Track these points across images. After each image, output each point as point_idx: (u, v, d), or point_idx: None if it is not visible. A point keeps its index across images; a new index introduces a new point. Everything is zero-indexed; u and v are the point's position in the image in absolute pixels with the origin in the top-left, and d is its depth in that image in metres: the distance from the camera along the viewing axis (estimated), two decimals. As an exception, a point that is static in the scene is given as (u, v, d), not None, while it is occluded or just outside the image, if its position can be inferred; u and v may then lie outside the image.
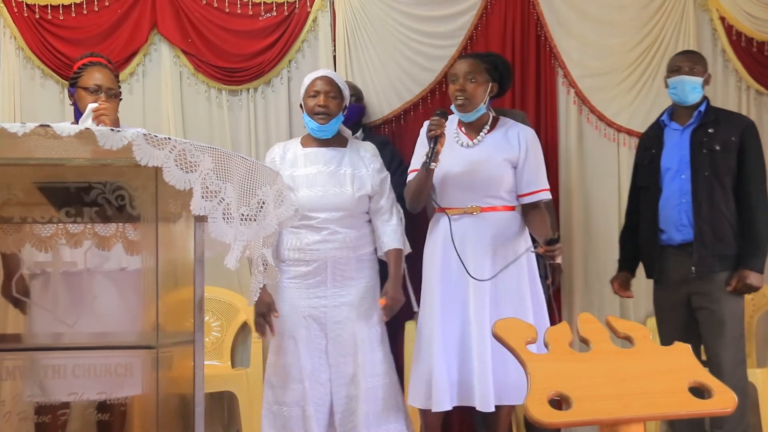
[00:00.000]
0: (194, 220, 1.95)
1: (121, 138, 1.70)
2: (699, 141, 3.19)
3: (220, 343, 3.89)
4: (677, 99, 3.26)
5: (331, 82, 3.10)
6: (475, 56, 3.14)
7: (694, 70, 3.21)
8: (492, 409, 2.88)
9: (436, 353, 2.94)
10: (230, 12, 3.92)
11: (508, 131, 3.06)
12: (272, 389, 3.08)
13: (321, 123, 3.06)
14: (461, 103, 2.99)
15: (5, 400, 1.97)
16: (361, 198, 3.08)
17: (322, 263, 3.04)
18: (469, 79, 2.98)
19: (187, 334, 1.98)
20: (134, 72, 3.94)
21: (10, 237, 1.98)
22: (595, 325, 1.67)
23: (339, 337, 3.04)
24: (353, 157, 3.13)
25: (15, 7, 3.87)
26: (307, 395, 3.00)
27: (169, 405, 1.99)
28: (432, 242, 3.09)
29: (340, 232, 3.04)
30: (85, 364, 1.97)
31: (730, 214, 3.16)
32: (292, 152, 3.14)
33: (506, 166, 3.01)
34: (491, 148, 3.03)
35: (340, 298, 3.06)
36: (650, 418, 1.55)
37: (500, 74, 3.08)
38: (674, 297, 3.25)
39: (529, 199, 3.03)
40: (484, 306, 2.91)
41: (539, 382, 1.51)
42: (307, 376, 3.01)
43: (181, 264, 2.03)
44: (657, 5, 3.89)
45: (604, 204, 3.90)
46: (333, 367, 3.04)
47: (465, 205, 3.00)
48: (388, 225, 3.13)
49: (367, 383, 3.03)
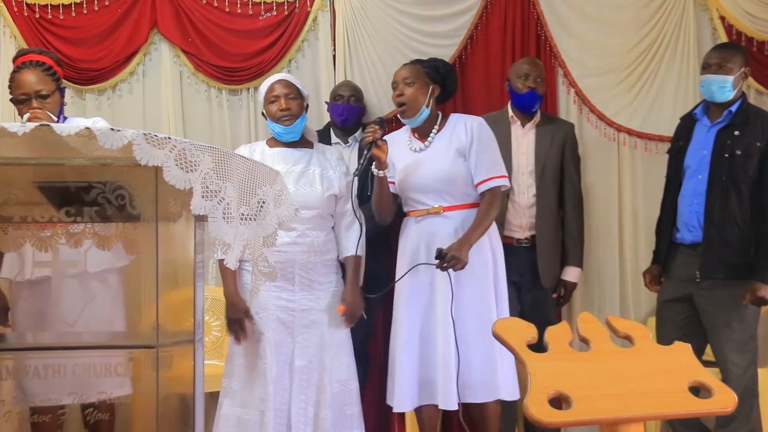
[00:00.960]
0: (194, 219, 1.95)
1: (121, 137, 1.70)
2: (722, 143, 3.10)
3: (220, 342, 3.89)
4: (707, 97, 3.19)
5: (288, 85, 3.09)
6: (415, 62, 3.19)
7: (723, 68, 3.11)
8: (454, 407, 2.91)
9: (399, 353, 2.99)
10: (230, 11, 3.92)
11: (455, 125, 3.08)
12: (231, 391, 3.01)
13: (287, 124, 3.05)
14: (402, 108, 3.05)
15: (5, 399, 1.98)
16: (330, 198, 3.08)
17: (290, 265, 3.00)
18: (407, 84, 3.03)
19: (187, 334, 1.98)
20: (134, 71, 3.95)
21: (10, 237, 1.98)
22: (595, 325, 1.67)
23: (306, 341, 3.02)
24: (320, 158, 3.14)
25: (15, 7, 3.87)
26: (269, 400, 2.94)
27: (169, 405, 1.99)
28: (402, 245, 3.13)
29: (309, 236, 3.02)
30: (84, 364, 1.97)
31: (743, 222, 3.07)
32: (259, 152, 3.11)
33: (457, 159, 3.02)
34: (442, 146, 3.06)
35: (308, 302, 3.03)
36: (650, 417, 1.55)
37: (442, 76, 3.11)
38: (679, 293, 3.23)
39: (483, 186, 3.01)
40: (448, 306, 2.92)
41: (539, 381, 1.51)
42: (271, 379, 2.96)
43: (181, 263, 2.03)
44: (657, 5, 3.89)
45: (604, 203, 3.90)
46: (297, 372, 3.00)
47: (429, 206, 3.04)
48: (351, 230, 3.13)
49: (333, 388, 3.01)
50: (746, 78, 3.23)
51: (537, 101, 3.51)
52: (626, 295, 3.87)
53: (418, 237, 3.05)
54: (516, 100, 3.54)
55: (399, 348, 3.01)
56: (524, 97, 3.48)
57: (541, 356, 1.59)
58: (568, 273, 3.53)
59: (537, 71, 3.51)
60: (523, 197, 3.47)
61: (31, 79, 2.73)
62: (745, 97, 3.23)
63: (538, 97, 3.51)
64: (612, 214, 3.91)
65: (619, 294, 3.87)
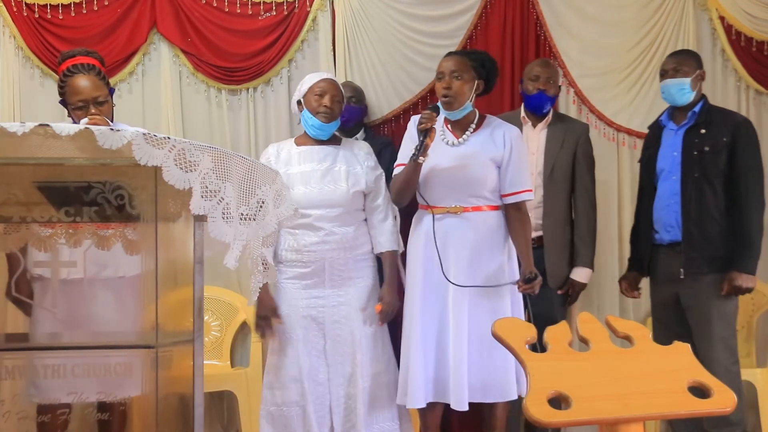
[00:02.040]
0: (194, 219, 1.95)
1: (120, 137, 1.70)
2: (690, 142, 3.20)
3: (220, 342, 3.89)
4: (669, 102, 3.30)
5: (337, 87, 3.15)
6: (462, 54, 3.15)
7: (679, 72, 3.23)
8: (465, 407, 2.90)
9: (414, 351, 2.97)
10: (230, 11, 3.92)
11: (494, 130, 3.06)
12: (271, 390, 3.09)
13: (324, 121, 3.07)
14: (447, 100, 2.99)
15: (5, 399, 1.98)
16: (356, 194, 3.09)
17: (320, 264, 3.05)
18: (455, 77, 2.99)
19: (187, 334, 1.98)
20: (134, 71, 3.94)
21: (10, 237, 1.98)
22: (595, 325, 1.67)
23: (338, 336, 3.06)
24: (347, 155, 3.14)
25: (14, 7, 3.87)
26: (306, 395, 3.02)
27: (168, 404, 1.99)
28: (415, 239, 3.10)
29: (337, 233, 3.05)
30: (84, 364, 1.97)
31: (720, 216, 3.15)
32: (286, 151, 3.15)
33: (491, 166, 3.01)
34: (477, 147, 3.03)
35: (338, 298, 3.07)
36: (650, 417, 1.55)
37: (487, 71, 3.09)
38: (665, 295, 3.30)
39: (512, 199, 3.03)
40: (463, 305, 2.93)
41: (539, 381, 1.51)
42: (305, 376, 3.02)
43: (181, 263, 2.03)
44: (656, 5, 3.89)
45: (603, 203, 3.90)
46: (331, 366, 3.05)
47: (449, 205, 3.02)
48: (384, 225, 3.15)
49: (365, 382, 3.05)
50: (703, 79, 3.32)
51: (547, 103, 3.51)
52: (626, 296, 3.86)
53: (433, 234, 2.98)
54: (526, 102, 3.55)
55: (413, 346, 2.98)
56: (533, 99, 3.49)
57: (541, 356, 1.59)
58: (577, 273, 3.51)
59: (548, 73, 3.51)
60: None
61: (86, 85, 2.66)
62: (705, 98, 3.31)
63: (548, 99, 3.50)
64: (612, 213, 3.91)
65: (619, 294, 3.85)
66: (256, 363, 3.72)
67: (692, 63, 3.27)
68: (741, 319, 3.74)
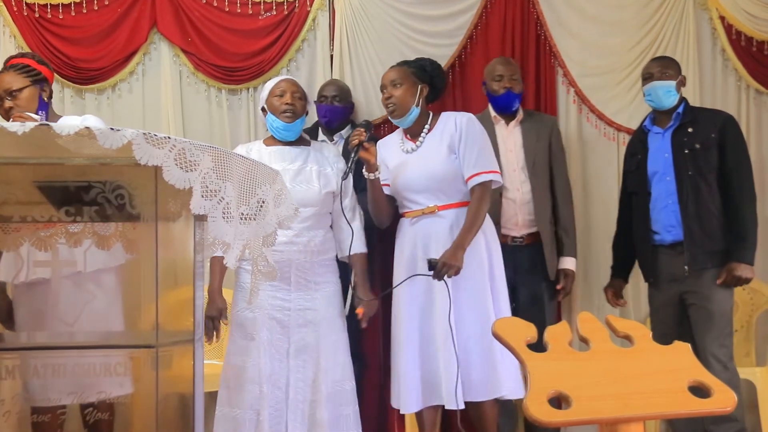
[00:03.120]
0: (194, 219, 1.95)
1: (120, 137, 1.70)
2: (680, 142, 3.24)
3: (220, 342, 3.88)
4: (654, 105, 3.33)
5: (296, 84, 3.13)
6: (401, 63, 3.20)
7: (665, 75, 3.28)
8: (461, 406, 2.90)
9: (403, 355, 2.98)
10: (230, 11, 3.92)
11: (446, 122, 3.08)
12: (228, 390, 3.01)
13: (287, 121, 3.05)
14: (391, 110, 3.06)
15: (5, 399, 1.98)
16: (327, 195, 3.08)
17: (286, 265, 2.99)
18: (394, 86, 3.04)
19: (187, 334, 1.98)
20: (134, 71, 3.94)
21: (10, 236, 1.98)
22: (595, 325, 1.67)
23: (302, 340, 3.01)
24: (317, 156, 3.14)
25: (15, 6, 3.87)
26: (263, 399, 2.94)
27: (168, 404, 1.99)
28: (399, 246, 3.13)
29: (305, 235, 3.02)
30: (84, 364, 1.97)
31: (717, 211, 3.20)
32: (256, 151, 3.11)
33: (450, 158, 3.02)
34: (433, 145, 3.06)
35: (305, 302, 3.02)
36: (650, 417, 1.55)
37: (429, 75, 3.12)
38: (666, 296, 3.30)
39: (474, 181, 3.00)
40: (447, 305, 2.92)
41: (539, 381, 1.51)
42: (265, 378, 2.95)
43: (181, 263, 2.03)
44: (657, 5, 3.89)
45: (603, 203, 3.90)
46: (293, 371, 2.99)
47: (423, 206, 3.03)
48: (354, 225, 3.11)
49: (328, 388, 3.00)
50: (684, 85, 3.37)
51: (515, 100, 3.52)
52: (626, 295, 3.86)
53: (414, 238, 3.04)
54: (494, 103, 3.56)
55: (400, 350, 3.00)
56: (501, 99, 3.51)
57: (541, 356, 1.58)
58: (566, 263, 3.54)
59: (510, 71, 3.52)
60: (517, 194, 3.46)
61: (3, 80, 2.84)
62: (686, 100, 3.36)
63: (516, 96, 3.52)
64: (612, 213, 3.89)
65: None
66: (256, 363, 3.70)
67: (676, 67, 3.35)
68: (741, 318, 3.75)
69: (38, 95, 2.88)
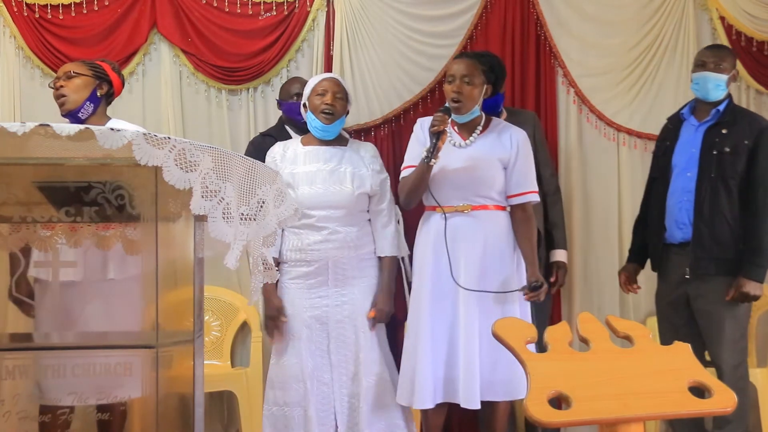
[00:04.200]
0: (194, 219, 1.95)
1: (120, 137, 1.69)
2: (710, 141, 3.13)
3: (220, 342, 3.89)
4: (699, 95, 3.20)
5: (339, 84, 3.15)
6: (473, 57, 3.12)
7: (719, 67, 3.15)
8: (477, 406, 2.90)
9: (422, 351, 2.96)
10: (230, 11, 3.92)
11: (501, 133, 3.07)
12: (273, 390, 3.09)
13: (326, 123, 3.08)
14: (457, 105, 3.00)
15: (5, 399, 1.97)
16: (361, 196, 3.09)
17: (324, 263, 3.05)
18: (465, 81, 2.99)
19: (187, 334, 1.98)
20: (134, 71, 3.94)
21: (10, 237, 1.98)
22: (595, 325, 1.67)
23: (341, 336, 3.06)
24: (353, 157, 3.15)
25: (15, 7, 3.87)
26: (309, 396, 3.02)
27: (168, 404, 1.99)
28: (423, 240, 3.09)
29: (341, 231, 3.05)
30: (84, 364, 1.97)
31: (733, 219, 3.09)
32: (292, 150, 3.16)
33: (498, 167, 3.02)
34: (484, 149, 3.03)
35: (342, 297, 3.07)
36: (650, 417, 1.55)
37: (495, 76, 3.10)
38: (674, 294, 3.24)
39: (518, 200, 3.04)
40: (473, 308, 2.92)
41: (539, 381, 1.51)
42: (308, 376, 3.03)
43: (181, 263, 2.03)
44: (657, 5, 3.89)
45: (603, 203, 3.90)
46: (335, 366, 3.06)
47: (457, 204, 3.01)
48: (387, 229, 3.16)
49: (369, 381, 3.05)
50: (735, 80, 3.27)
51: (501, 101, 3.48)
52: (626, 295, 3.86)
53: (443, 234, 2.97)
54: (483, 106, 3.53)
55: (421, 347, 2.96)
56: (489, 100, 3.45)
57: (541, 356, 1.59)
58: (557, 255, 3.54)
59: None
60: None
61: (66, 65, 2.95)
62: (731, 97, 3.25)
63: (502, 96, 3.47)
64: (612, 214, 3.91)
65: (619, 294, 3.86)
66: (256, 363, 3.72)
67: (731, 60, 3.21)
68: (741, 319, 3.74)
69: (92, 88, 2.92)
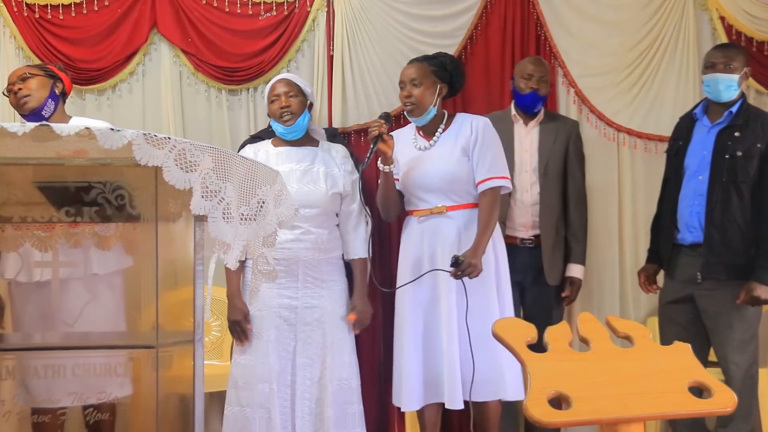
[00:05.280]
0: (194, 219, 1.95)
1: (120, 137, 1.70)
2: (723, 144, 3.10)
3: (220, 342, 3.89)
4: (712, 97, 3.18)
5: (288, 83, 3.14)
6: (422, 59, 3.16)
7: (729, 67, 3.12)
8: (461, 406, 2.91)
9: (406, 353, 2.98)
10: (230, 11, 3.92)
11: (462, 124, 3.08)
12: (237, 390, 3.04)
13: (287, 124, 3.09)
14: (409, 108, 3.04)
15: (5, 399, 1.98)
16: (334, 196, 3.09)
17: (294, 262, 3.03)
18: (414, 84, 3.03)
19: (187, 334, 1.98)
20: (134, 71, 3.94)
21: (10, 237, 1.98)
22: (595, 325, 1.67)
23: (309, 338, 3.03)
24: (325, 157, 3.15)
25: (15, 7, 3.87)
26: (273, 397, 2.97)
27: (168, 404, 1.99)
28: (404, 245, 3.13)
29: (313, 233, 3.04)
30: (84, 364, 1.97)
31: (744, 223, 3.07)
32: (264, 152, 3.15)
33: (462, 159, 3.02)
34: (447, 145, 3.05)
35: (312, 300, 3.05)
36: (650, 417, 1.55)
37: (449, 73, 3.10)
38: (680, 294, 3.22)
39: (485, 186, 3.00)
40: (452, 305, 2.93)
41: (539, 381, 1.51)
42: (275, 377, 2.98)
43: (181, 264, 2.03)
44: (657, 5, 3.89)
45: (603, 203, 3.90)
46: (299, 369, 3.02)
47: (432, 205, 3.03)
48: (357, 231, 3.15)
49: (333, 386, 3.02)
50: (747, 78, 3.24)
51: (539, 102, 3.50)
52: (626, 295, 3.87)
53: (421, 236, 3.03)
54: (518, 101, 3.54)
55: (404, 348, 3.00)
56: (526, 98, 3.48)
57: (541, 356, 1.59)
58: (573, 270, 3.51)
59: (541, 72, 3.50)
60: (526, 195, 3.45)
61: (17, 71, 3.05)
62: (745, 98, 3.23)
63: (540, 98, 3.50)
64: (612, 214, 3.91)
65: (619, 294, 3.86)
66: (257, 363, 3.71)
67: (742, 59, 3.17)
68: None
69: (50, 86, 3.00)
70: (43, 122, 1.71)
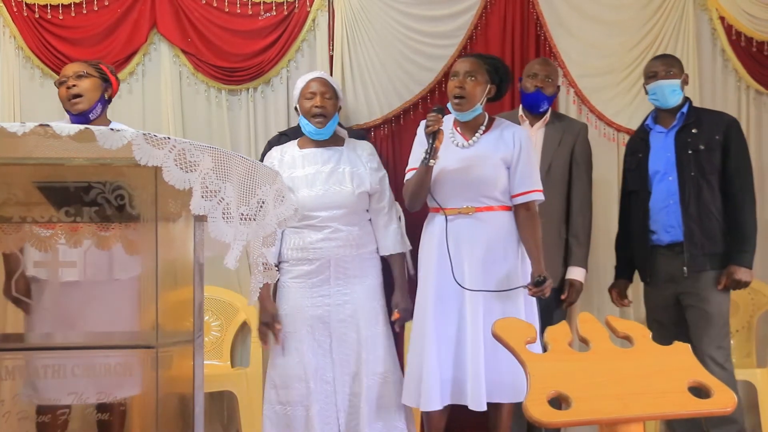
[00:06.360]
0: (194, 219, 1.95)
1: (120, 137, 1.70)
2: (683, 142, 3.23)
3: (220, 342, 3.89)
4: (658, 104, 3.32)
5: (326, 83, 3.14)
6: (478, 56, 3.13)
7: (670, 73, 3.27)
8: (484, 408, 2.89)
9: (429, 353, 2.94)
10: (230, 12, 3.92)
11: (503, 131, 3.06)
12: (275, 389, 3.08)
13: (319, 127, 3.09)
14: (459, 101, 2.99)
15: (5, 399, 1.97)
16: (361, 195, 3.10)
17: (325, 261, 3.05)
18: (469, 77, 2.99)
19: (187, 334, 1.98)
20: (134, 72, 3.94)
21: (10, 237, 1.98)
22: (595, 325, 1.67)
23: (343, 335, 3.06)
24: (351, 156, 3.15)
25: (14, 7, 3.87)
26: (311, 395, 3.01)
27: (168, 405, 1.99)
28: (427, 241, 3.09)
29: (343, 230, 3.05)
30: (84, 364, 1.97)
31: (718, 213, 3.21)
32: (290, 154, 3.16)
33: (501, 166, 3.01)
34: (487, 148, 3.03)
35: (344, 297, 3.07)
36: (650, 417, 1.55)
37: (500, 78, 3.09)
38: (663, 296, 3.31)
39: (521, 199, 3.02)
40: (478, 308, 2.92)
41: (539, 381, 1.51)
42: (311, 375, 3.02)
43: (181, 264, 2.03)
44: (656, 5, 3.89)
45: (603, 203, 3.90)
46: (337, 365, 3.05)
47: (460, 205, 3.01)
48: (390, 227, 3.16)
49: (369, 381, 3.04)
50: (687, 83, 3.37)
51: (543, 101, 3.49)
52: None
53: (446, 235, 2.96)
54: (523, 100, 3.55)
55: (427, 348, 2.95)
56: (529, 97, 3.48)
57: (541, 356, 1.59)
58: (573, 272, 3.49)
59: (546, 71, 3.49)
60: None
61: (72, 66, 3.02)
62: (690, 100, 3.36)
63: (545, 98, 3.48)
64: (612, 214, 3.90)
65: (618, 294, 3.86)
66: (256, 363, 3.71)
67: (679, 65, 3.35)
68: (741, 319, 3.75)
69: (102, 90, 3.00)
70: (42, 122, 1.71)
